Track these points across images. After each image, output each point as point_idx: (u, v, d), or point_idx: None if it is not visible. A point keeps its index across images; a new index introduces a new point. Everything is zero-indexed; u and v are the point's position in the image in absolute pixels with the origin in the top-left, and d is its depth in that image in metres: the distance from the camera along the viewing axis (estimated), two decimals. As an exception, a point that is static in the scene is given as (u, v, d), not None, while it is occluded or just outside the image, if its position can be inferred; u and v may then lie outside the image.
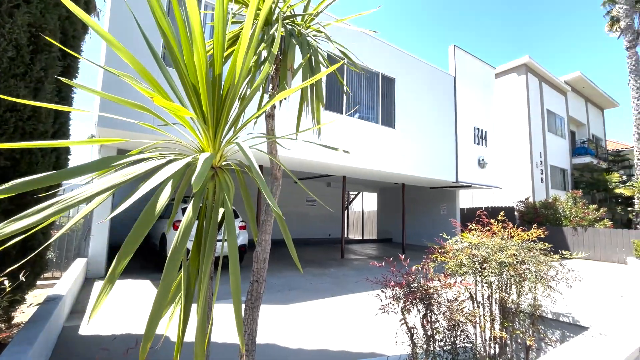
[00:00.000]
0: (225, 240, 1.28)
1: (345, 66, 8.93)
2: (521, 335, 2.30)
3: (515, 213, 14.53)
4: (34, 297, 4.63)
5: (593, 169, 19.44)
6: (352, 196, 20.43)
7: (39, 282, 5.55)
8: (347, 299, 5.65)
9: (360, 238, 19.33)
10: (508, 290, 2.27)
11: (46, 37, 2.73)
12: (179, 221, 6.80)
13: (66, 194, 0.93)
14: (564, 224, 12.99)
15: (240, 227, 7.78)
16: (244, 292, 3.52)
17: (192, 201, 1.15)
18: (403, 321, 2.03)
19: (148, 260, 8.80)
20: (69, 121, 3.64)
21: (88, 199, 0.99)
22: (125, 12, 5.72)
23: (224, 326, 3.74)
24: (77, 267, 5.90)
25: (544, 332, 2.39)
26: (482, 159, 12.24)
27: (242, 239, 7.72)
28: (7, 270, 2.23)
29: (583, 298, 5.74)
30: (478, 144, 12.31)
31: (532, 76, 17.36)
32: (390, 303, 2.02)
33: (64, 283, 4.63)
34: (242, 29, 1.64)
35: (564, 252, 2.43)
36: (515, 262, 2.13)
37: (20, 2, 2.69)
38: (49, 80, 2.93)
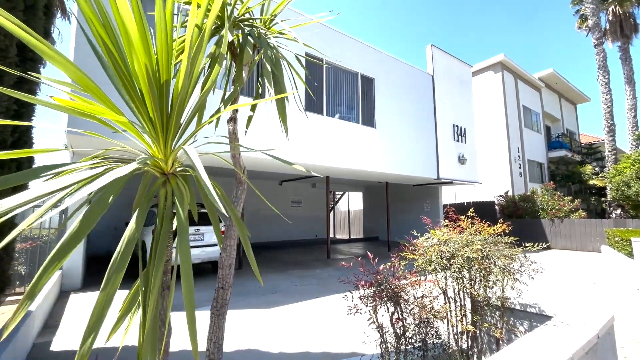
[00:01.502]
0: (201, 247, 1.25)
1: (324, 67, 8.94)
2: (491, 327, 2.34)
3: (496, 207, 14.93)
4: (2, 314, 4.42)
5: (568, 161, 20.19)
6: (338, 196, 20.50)
7: (9, 299, 5.31)
8: (331, 300, 5.65)
9: (347, 237, 19.40)
10: (477, 284, 2.31)
11: (1, 42, 2.61)
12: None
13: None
14: (541, 216, 13.42)
15: (223, 232, 7.67)
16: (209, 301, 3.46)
17: (136, 211, 1.11)
18: (372, 320, 2.04)
19: (131, 268, 8.56)
20: (32, 129, 3.49)
21: (20, 206, 0.94)
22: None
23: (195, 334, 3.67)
24: (51, 281, 5.67)
25: (513, 323, 2.45)
26: (462, 156, 12.51)
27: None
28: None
29: (556, 287, 5.94)
30: (458, 140, 12.57)
31: (507, 73, 17.89)
32: (359, 303, 2.02)
33: (35, 299, 4.44)
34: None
35: (526, 245, 2.50)
36: (480, 257, 2.18)
37: (-30, 6, 2.56)
38: (4, 85, 2.80)
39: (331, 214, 19.80)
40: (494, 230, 2.48)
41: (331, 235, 19.53)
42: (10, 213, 0.88)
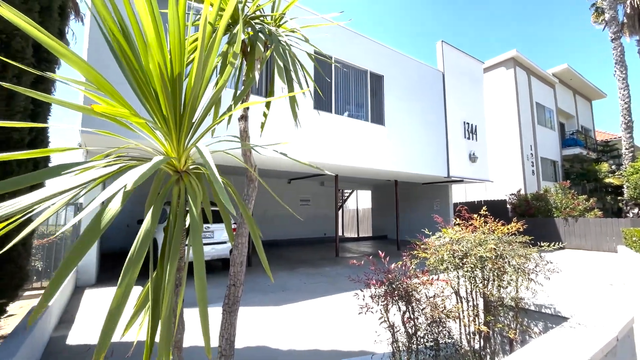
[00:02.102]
0: (211, 244, 1.26)
1: (333, 64, 8.91)
2: (504, 328, 2.30)
3: (508, 206, 14.67)
4: (20, 308, 4.56)
5: (583, 159, 19.69)
6: (347, 194, 20.45)
7: (27, 293, 5.46)
8: (340, 298, 5.65)
9: (356, 236, 19.35)
10: (490, 284, 2.27)
11: (17, 44, 2.67)
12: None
13: (6, 202, 0.91)
14: (555, 215, 13.14)
15: (234, 230, 7.74)
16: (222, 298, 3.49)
17: (151, 208, 1.12)
18: (383, 319, 2.03)
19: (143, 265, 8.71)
20: (47, 128, 3.58)
21: (39, 203, 0.96)
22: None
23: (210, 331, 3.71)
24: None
25: (527, 324, 2.40)
26: (473, 154, 12.32)
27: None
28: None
29: (571, 288, 5.80)
30: (468, 138, 12.38)
31: (520, 70, 17.51)
32: (370, 302, 2.01)
33: (51, 293, 4.56)
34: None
35: (542, 244, 2.44)
36: (494, 256, 2.14)
37: (-11, 8, 2.63)
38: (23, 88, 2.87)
39: (340, 212, 19.76)
40: (507, 229, 2.44)
41: (340, 233, 19.52)
42: (32, 209, 0.90)
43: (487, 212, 2.62)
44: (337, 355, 3.52)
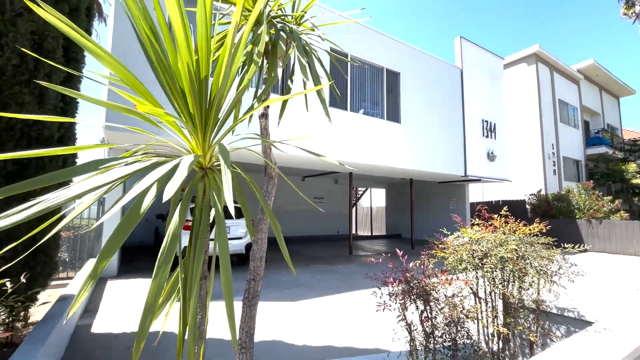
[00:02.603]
0: (239, 239, 1.30)
1: (349, 62, 8.87)
2: (525, 331, 2.26)
3: (527, 206, 14.27)
4: (49, 297, 4.78)
5: (608, 159, 18.89)
6: (360, 192, 20.36)
7: (53, 283, 5.73)
8: (354, 296, 5.66)
9: (369, 234, 19.28)
10: (510, 285, 2.23)
11: (48, 45, 2.79)
12: (189, 220, 6.90)
13: (49, 194, 0.96)
14: (577, 217, 12.69)
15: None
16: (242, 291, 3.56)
17: (179, 205, 1.16)
18: (401, 318, 2.03)
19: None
20: (75, 125, 3.73)
21: (75, 198, 1.02)
22: (127, 19, 5.80)
23: (223, 324, 3.80)
24: (90, 267, 6.06)
25: (549, 327, 2.35)
26: (492, 152, 12.03)
27: (249, 238, 7.79)
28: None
29: (595, 292, 5.61)
30: (487, 136, 12.09)
31: (542, 66, 16.93)
32: (388, 300, 2.01)
33: (77, 283, 4.77)
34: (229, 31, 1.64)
35: (566, 246, 2.37)
36: (515, 257, 2.09)
37: (23, 10, 2.76)
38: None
39: (353, 210, 19.71)
40: (529, 230, 2.38)
41: (353, 231, 19.47)
42: (72, 202, 0.95)
43: (507, 212, 2.56)
44: (351, 352, 3.53)
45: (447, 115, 10.99)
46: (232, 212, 0.98)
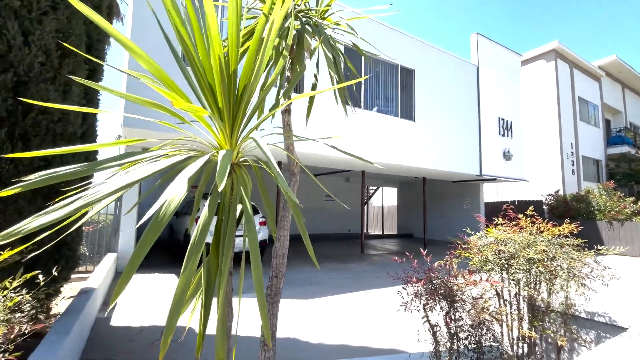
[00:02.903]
0: (246, 236, 1.29)
1: (362, 58, 8.79)
2: (552, 335, 2.18)
3: (544, 207, 13.90)
4: (70, 290, 4.90)
5: (631, 159, 18.21)
6: (372, 191, 20.23)
7: (73, 276, 5.88)
8: (367, 295, 5.62)
9: (380, 233, 19.15)
10: (537, 287, 2.16)
11: (72, 42, 2.84)
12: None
13: (90, 190, 0.96)
14: (597, 218, 12.29)
15: (261, 223, 7.89)
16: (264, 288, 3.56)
17: (208, 199, 1.15)
18: (425, 319, 1.98)
19: (173, 255, 9.12)
20: (96, 122, 3.79)
21: (111, 194, 1.01)
22: (145, 17, 5.88)
23: (245, 320, 3.82)
24: (108, 262, 6.19)
25: (577, 332, 2.26)
26: (508, 151, 11.76)
27: (263, 234, 7.83)
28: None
29: (621, 297, 5.41)
30: (503, 135, 11.82)
31: (562, 62, 16.44)
32: (412, 300, 1.97)
33: (96, 277, 4.88)
34: (257, 23, 1.62)
35: (599, 248, 2.28)
36: (545, 259, 2.02)
37: (48, 9, 2.81)
38: (77, 82, 3.06)
39: (364, 209, 19.59)
40: (559, 230, 2.29)
41: (364, 230, 19.37)
42: (121, 191, 0.95)
43: (534, 212, 2.48)
44: (367, 351, 3.50)
45: (462, 113, 10.79)
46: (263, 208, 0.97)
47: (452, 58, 10.78)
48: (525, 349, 2.26)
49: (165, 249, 9.96)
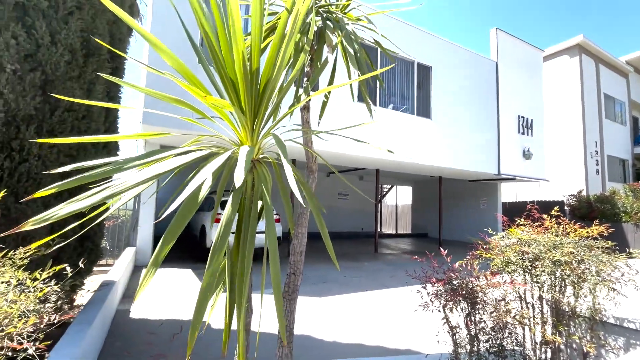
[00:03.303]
0: (263, 233, 1.29)
1: (377, 55, 8.69)
2: (578, 340, 2.10)
3: (566, 208, 13.43)
4: (92, 282, 5.07)
5: (660, 159, 17.39)
6: (386, 190, 20.06)
7: (95, 269, 6.09)
8: (382, 294, 5.57)
9: (394, 232, 18.98)
10: (563, 291, 2.08)
11: (97, 41, 2.91)
12: (220, 214, 7.08)
13: (114, 182, 0.98)
14: (623, 220, 11.78)
15: (275, 220, 7.94)
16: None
17: (231, 195, 1.15)
18: (445, 319, 1.94)
19: (189, 250, 9.30)
20: (118, 120, 3.90)
21: (135, 185, 1.03)
22: (164, 17, 5.99)
23: (263, 317, 3.85)
24: (128, 256, 6.37)
25: (605, 338, 2.17)
26: (528, 150, 11.41)
27: (277, 231, 7.89)
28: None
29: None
30: (523, 133, 11.48)
31: (587, 57, 15.79)
32: (432, 300, 1.93)
33: (117, 270, 5.03)
34: (279, 18, 1.62)
35: (631, 251, 2.17)
36: (572, 261, 1.94)
37: (74, 9, 2.89)
38: (100, 81, 3.14)
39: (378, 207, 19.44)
40: (587, 232, 2.20)
41: (378, 229, 19.25)
42: (144, 184, 0.96)
43: (559, 213, 2.39)
44: (383, 351, 3.47)
45: (480, 110, 10.53)
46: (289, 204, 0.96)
47: (470, 54, 10.53)
48: (549, 354, 2.18)
49: (181, 244, 10.18)
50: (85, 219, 1.25)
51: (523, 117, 11.55)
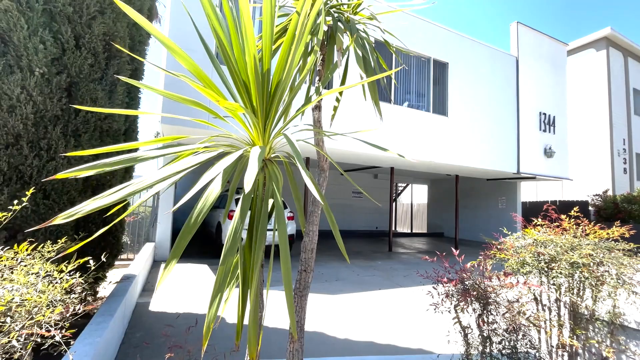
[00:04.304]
0: (276, 230, 1.32)
1: (392, 53, 8.59)
2: (596, 345, 2.04)
3: (590, 208, 12.92)
4: (113, 275, 5.28)
5: (694, 157, 16.40)
6: (401, 188, 19.85)
7: (116, 263, 6.34)
8: (395, 293, 5.55)
9: (409, 231, 18.77)
10: (581, 294, 2.02)
11: (117, 45, 3.03)
12: (233, 211, 7.23)
13: (135, 180, 1.04)
14: (652, 222, 11.21)
15: (289, 218, 8.02)
16: (292, 281, 3.63)
17: (242, 196, 1.19)
18: (456, 320, 1.93)
19: (206, 246, 9.53)
20: (138, 119, 4.04)
21: (154, 184, 1.08)
22: (183, 17, 6.12)
23: (274, 312, 3.92)
24: (147, 251, 6.60)
25: (625, 343, 2.09)
26: (549, 148, 11.03)
27: (291, 229, 7.96)
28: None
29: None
30: (544, 130, 11.09)
31: (614, 51, 15.06)
32: (443, 300, 1.92)
33: (137, 264, 5.22)
34: (290, 20, 1.65)
35: (655, 254, 2.08)
36: (591, 263, 1.88)
37: (97, 14, 3.02)
38: (121, 82, 3.26)
39: (392, 206, 19.26)
40: (607, 234, 2.13)
41: (392, 228, 19.11)
42: (162, 182, 1.01)
43: (579, 214, 2.31)
44: (394, 350, 3.47)
45: (499, 107, 10.25)
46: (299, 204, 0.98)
47: (489, 49, 10.25)
48: (566, 358, 2.13)
49: (197, 240, 10.43)
50: (108, 213, 1.32)
51: (544, 114, 11.16)
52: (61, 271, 1.89)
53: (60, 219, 0.91)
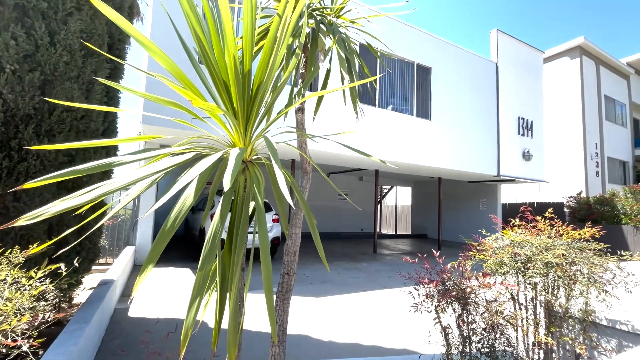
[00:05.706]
0: (257, 233, 1.31)
1: (376, 56, 8.70)
2: (570, 342, 2.11)
3: (565, 209, 13.43)
4: (90, 281, 5.09)
5: (660, 161, 17.37)
6: (386, 190, 20.06)
7: (94, 267, 6.12)
8: (379, 294, 5.59)
9: (394, 233, 18.98)
10: (555, 292, 2.09)
11: (95, 42, 2.94)
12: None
13: (109, 180, 1.01)
14: (623, 222, 11.77)
15: (274, 220, 7.95)
16: (275, 284, 3.60)
17: (222, 198, 1.17)
18: (437, 320, 1.96)
19: (189, 249, 9.32)
20: (117, 119, 3.92)
21: (128, 185, 1.05)
22: (165, 16, 6.01)
23: (256, 316, 3.87)
24: (127, 255, 6.40)
25: (597, 340, 2.18)
26: (527, 151, 11.42)
27: (275, 231, 7.89)
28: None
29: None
30: (523, 135, 11.48)
31: (587, 59, 15.78)
32: (424, 301, 1.95)
33: (115, 269, 5.05)
34: (272, 22, 1.64)
35: (623, 253, 2.19)
36: (564, 263, 1.95)
37: (73, 10, 2.91)
38: (99, 81, 3.16)
39: (377, 208, 19.44)
40: (579, 234, 2.21)
41: (377, 230, 19.27)
42: (138, 183, 0.98)
43: (553, 215, 2.40)
44: (378, 351, 3.49)
45: (480, 111, 10.54)
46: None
47: (470, 55, 10.54)
48: (542, 356, 2.20)
49: (181, 244, 10.20)
50: (85, 221, 1.27)
51: (523, 119, 11.56)
52: (30, 277, 1.81)
53: (23, 220, 0.86)
